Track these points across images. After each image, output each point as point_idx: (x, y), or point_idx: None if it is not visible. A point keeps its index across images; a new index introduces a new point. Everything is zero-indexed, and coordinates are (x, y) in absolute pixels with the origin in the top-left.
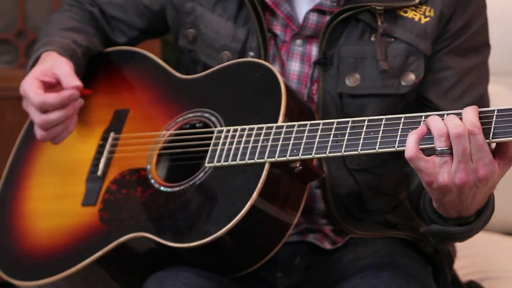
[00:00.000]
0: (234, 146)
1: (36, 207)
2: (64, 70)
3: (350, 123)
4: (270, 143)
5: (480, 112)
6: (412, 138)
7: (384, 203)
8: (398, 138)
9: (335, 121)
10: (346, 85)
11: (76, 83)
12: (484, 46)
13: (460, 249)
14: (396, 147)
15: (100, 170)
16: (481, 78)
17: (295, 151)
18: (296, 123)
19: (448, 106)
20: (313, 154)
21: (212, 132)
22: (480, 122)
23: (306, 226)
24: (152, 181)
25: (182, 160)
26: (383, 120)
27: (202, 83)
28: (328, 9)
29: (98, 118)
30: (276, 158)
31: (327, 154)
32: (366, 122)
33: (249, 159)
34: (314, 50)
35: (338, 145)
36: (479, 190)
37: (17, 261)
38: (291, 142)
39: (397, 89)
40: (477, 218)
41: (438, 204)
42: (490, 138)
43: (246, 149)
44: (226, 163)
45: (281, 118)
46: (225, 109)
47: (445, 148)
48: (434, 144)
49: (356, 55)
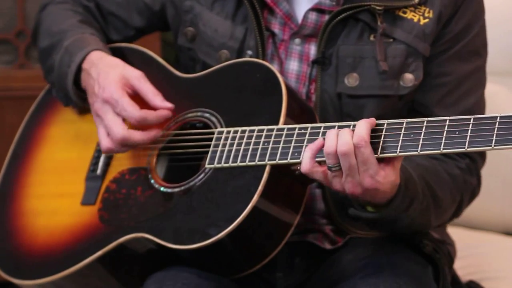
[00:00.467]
0: (234, 147)
1: (35, 205)
2: (149, 87)
3: (351, 127)
4: (271, 146)
5: (377, 124)
6: (307, 155)
7: None
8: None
9: (336, 124)
10: (345, 85)
11: (171, 105)
12: (484, 49)
13: (460, 249)
14: (397, 153)
15: (99, 169)
16: (477, 83)
17: (296, 154)
18: (297, 126)
19: (441, 112)
20: None
21: (212, 133)
22: (370, 135)
23: (306, 226)
24: (152, 181)
25: (182, 160)
26: (385, 125)
27: (202, 83)
28: (327, 8)
29: None
30: (277, 160)
31: None
32: None
33: (250, 161)
34: (312, 49)
35: None
36: (373, 194)
37: (17, 260)
38: (292, 145)
39: (396, 90)
40: (386, 207)
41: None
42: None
43: (246, 151)
44: (227, 165)
45: (282, 118)
46: (225, 109)
47: (333, 165)
48: (325, 160)
49: (355, 55)
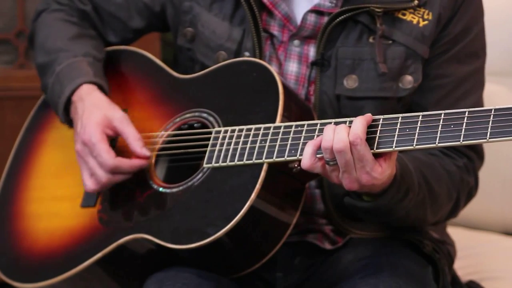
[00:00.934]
0: (232, 146)
1: (35, 209)
2: (131, 131)
3: (347, 123)
4: (268, 144)
5: (373, 120)
6: (308, 150)
7: None
8: (396, 138)
9: (333, 121)
10: (344, 87)
11: (149, 154)
12: (482, 51)
13: (460, 249)
14: (393, 147)
15: None
16: (475, 85)
17: (293, 151)
18: (293, 123)
19: None
20: None
21: (210, 132)
22: (366, 131)
23: (306, 226)
24: (150, 182)
25: (180, 160)
26: (380, 120)
27: (200, 83)
28: (326, 10)
29: None
30: (274, 158)
31: None
32: None
33: (247, 160)
34: (311, 51)
35: None
36: (370, 188)
37: (17, 263)
38: (289, 142)
39: (395, 92)
40: (381, 197)
41: None
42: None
43: (244, 149)
44: (225, 164)
45: (278, 117)
46: (223, 109)
47: (330, 159)
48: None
49: (354, 57)
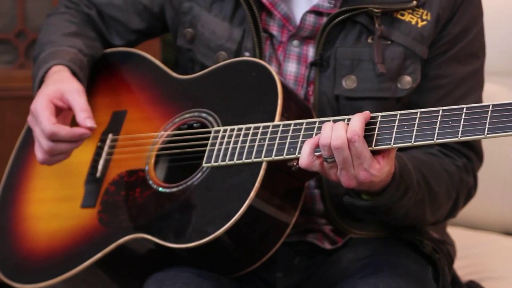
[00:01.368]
0: (231, 145)
1: (36, 210)
2: (79, 102)
3: (345, 121)
4: (267, 142)
5: (372, 117)
6: (306, 149)
7: None
8: (394, 135)
9: (331, 119)
10: (343, 87)
11: (92, 125)
12: (481, 51)
13: (460, 249)
14: (391, 144)
15: (99, 172)
16: (475, 85)
17: (292, 150)
18: (292, 122)
19: None
20: None
21: (209, 132)
22: (365, 129)
23: (306, 226)
24: (150, 182)
25: (180, 160)
26: (379, 117)
27: (199, 83)
28: (325, 10)
29: (96, 120)
30: (273, 157)
31: None
32: None
33: (246, 159)
34: (310, 51)
35: None
36: (369, 186)
37: (17, 264)
38: (288, 141)
39: (394, 92)
40: (381, 196)
41: None
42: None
43: (243, 148)
44: (224, 163)
45: (277, 116)
46: (222, 108)
47: (328, 156)
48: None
49: (352, 57)
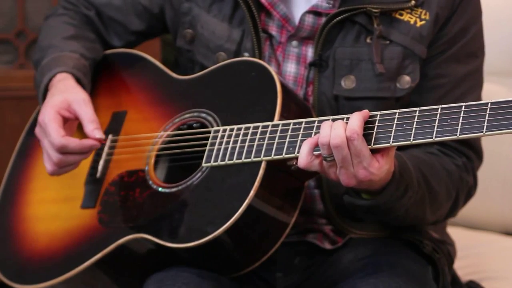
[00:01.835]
0: (230, 145)
1: (36, 211)
2: (86, 113)
3: (344, 120)
4: (266, 142)
5: (370, 116)
6: (304, 149)
7: None
8: (393, 134)
9: (330, 118)
10: (342, 87)
11: (100, 136)
12: (480, 50)
13: (460, 249)
14: (390, 143)
15: (99, 172)
16: (474, 85)
17: (291, 149)
18: (291, 121)
19: None
20: None
21: (209, 132)
22: (364, 127)
23: (306, 226)
24: (150, 182)
25: (179, 160)
26: (378, 116)
27: (198, 83)
28: (324, 11)
29: None
30: (272, 156)
31: None
32: None
33: (245, 158)
34: (309, 52)
35: None
36: (368, 184)
37: (17, 264)
38: (287, 140)
39: (393, 92)
40: (380, 195)
41: None
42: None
43: (242, 148)
44: (223, 163)
45: (277, 116)
46: (221, 108)
47: (327, 155)
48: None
49: (351, 57)
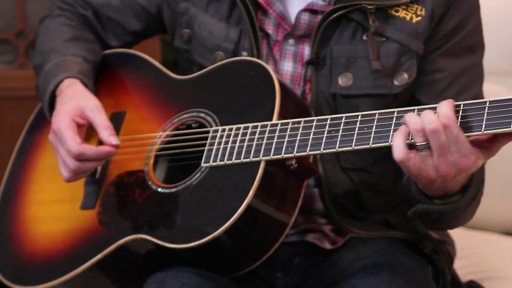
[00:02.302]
0: (229, 145)
1: (36, 212)
2: (100, 120)
3: (343, 119)
4: (265, 141)
5: (456, 105)
6: (399, 140)
7: (382, 203)
8: (392, 133)
9: (329, 117)
10: (339, 85)
11: (116, 142)
12: (478, 46)
13: (460, 249)
14: (389, 142)
15: (98, 173)
16: (474, 79)
17: (290, 149)
18: (290, 121)
19: None
20: (307, 151)
21: (207, 132)
22: (457, 116)
23: (306, 226)
24: (149, 182)
25: (179, 160)
26: (376, 115)
27: (197, 83)
28: (319, 8)
29: None
30: (271, 156)
31: (322, 150)
32: (359, 117)
33: (244, 158)
34: (306, 50)
35: (332, 141)
36: (462, 175)
37: (17, 266)
38: (286, 139)
39: (390, 89)
40: (461, 195)
41: (424, 187)
42: (483, 130)
43: (241, 148)
44: (222, 163)
45: (275, 116)
46: (220, 108)
47: (423, 143)
48: (414, 139)
49: (348, 55)
